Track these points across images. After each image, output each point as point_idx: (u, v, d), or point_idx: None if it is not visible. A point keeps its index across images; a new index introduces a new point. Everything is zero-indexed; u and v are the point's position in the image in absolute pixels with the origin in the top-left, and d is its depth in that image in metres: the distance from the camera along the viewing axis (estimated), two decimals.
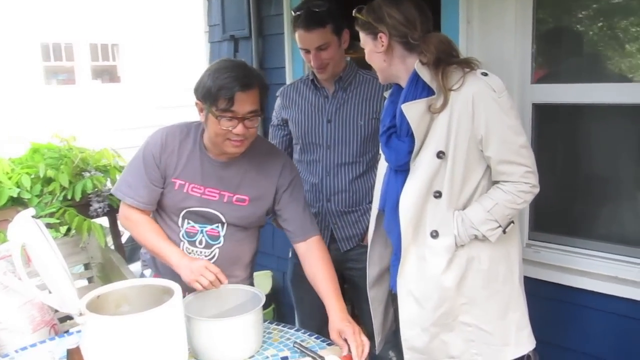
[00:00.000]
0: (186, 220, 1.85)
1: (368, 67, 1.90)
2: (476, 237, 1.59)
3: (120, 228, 2.69)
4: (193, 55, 10.78)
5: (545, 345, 1.79)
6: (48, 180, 2.62)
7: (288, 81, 3.14)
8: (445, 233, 1.59)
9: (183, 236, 1.86)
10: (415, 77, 1.58)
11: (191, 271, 1.71)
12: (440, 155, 1.55)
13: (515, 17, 2.19)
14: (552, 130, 2.27)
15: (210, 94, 1.67)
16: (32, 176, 2.64)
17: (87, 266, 2.74)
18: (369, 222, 2.19)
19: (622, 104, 2.06)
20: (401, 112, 1.57)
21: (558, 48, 2.26)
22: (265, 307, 3.22)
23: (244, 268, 1.98)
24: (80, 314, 1.43)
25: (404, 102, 1.57)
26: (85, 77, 11.10)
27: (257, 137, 1.84)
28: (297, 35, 2.13)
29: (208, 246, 1.87)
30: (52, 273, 1.42)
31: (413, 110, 1.55)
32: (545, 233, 2.31)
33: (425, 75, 1.56)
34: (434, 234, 1.60)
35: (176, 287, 1.60)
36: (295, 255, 2.38)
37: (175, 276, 1.75)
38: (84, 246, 2.68)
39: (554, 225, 2.31)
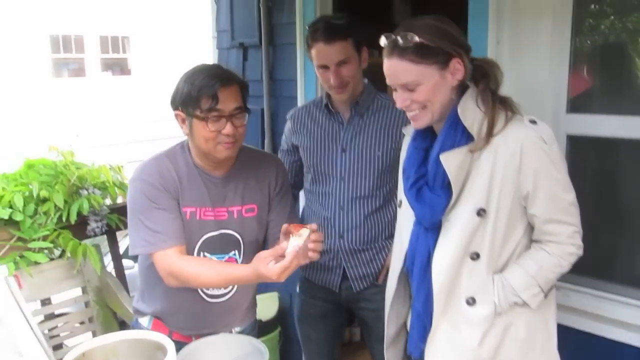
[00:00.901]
0: (202, 253, 1.72)
1: (386, 89, 1.72)
2: (515, 304, 1.41)
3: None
4: (201, 48, 10.66)
5: None
6: (42, 200, 2.47)
7: (299, 94, 2.96)
8: (483, 300, 1.41)
9: None
10: (456, 119, 1.38)
11: (277, 276, 1.50)
12: (481, 213, 1.37)
13: (551, 40, 1.99)
14: (587, 164, 2.08)
15: (191, 97, 1.60)
16: (26, 194, 2.49)
17: (83, 290, 2.59)
18: (384, 260, 2.05)
19: None
20: (435, 161, 1.38)
21: (597, 76, 2.06)
22: (271, 330, 3.12)
23: (253, 294, 1.93)
24: None
25: (441, 149, 1.38)
26: (95, 69, 10.98)
27: (242, 145, 1.75)
28: (314, 50, 1.94)
29: None
30: (22, 343, 1.26)
31: (452, 160, 1.36)
32: (577, 275, 2.09)
33: (467, 117, 1.37)
34: (471, 301, 1.41)
35: (169, 345, 1.45)
36: (303, 290, 2.23)
37: (178, 318, 1.72)
38: (80, 269, 2.53)
39: (587, 266, 2.09)
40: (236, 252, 1.76)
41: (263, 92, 3.08)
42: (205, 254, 1.72)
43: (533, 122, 1.39)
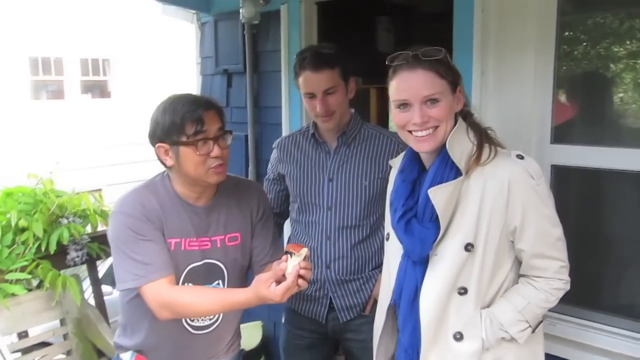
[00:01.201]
0: (187, 283, 1.69)
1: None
2: (503, 339, 1.39)
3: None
4: (183, 71, 10.64)
5: None
6: (21, 229, 2.41)
7: (284, 122, 2.96)
8: (471, 335, 1.39)
9: None
10: (447, 155, 1.38)
11: (279, 298, 1.47)
12: (469, 248, 1.36)
13: (535, 71, 2.03)
14: (570, 194, 2.10)
15: (175, 125, 1.58)
16: (3, 223, 2.42)
17: (62, 322, 2.52)
18: (371, 291, 2.02)
19: None
20: (426, 195, 1.38)
21: (581, 107, 2.09)
22: (254, 358, 3.06)
23: (237, 324, 1.89)
24: None
25: (432, 183, 1.38)
26: (75, 92, 10.87)
27: None
28: (301, 78, 1.94)
29: None
30: None
31: (440, 195, 1.36)
32: (562, 304, 2.08)
33: (456, 151, 1.37)
34: (458, 336, 1.40)
35: None
36: (288, 321, 2.20)
37: (162, 352, 1.69)
38: (59, 300, 2.46)
39: (572, 296, 2.10)
40: (220, 281, 1.73)
41: (247, 119, 3.07)
42: (190, 284, 1.69)
43: (520, 157, 1.40)
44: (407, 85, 1.38)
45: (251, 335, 3.11)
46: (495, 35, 2.10)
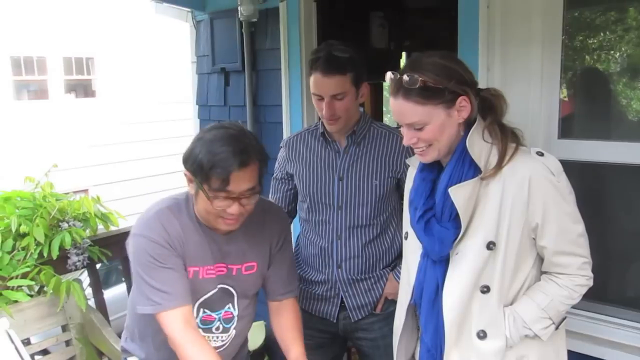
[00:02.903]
0: (202, 310, 1.66)
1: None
2: (527, 336, 1.39)
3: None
4: (172, 68, 10.53)
5: None
6: (21, 235, 2.36)
7: (284, 120, 2.94)
8: (494, 334, 1.39)
9: (198, 325, 1.65)
10: (463, 152, 1.38)
11: None
12: (491, 246, 1.36)
13: (542, 67, 2.02)
14: (579, 189, 2.09)
15: (202, 170, 1.47)
16: (2, 229, 2.37)
17: (64, 327, 2.47)
18: (382, 289, 2.02)
19: None
20: (443, 194, 1.37)
21: (588, 102, 2.10)
22: (258, 358, 3.04)
23: (247, 333, 1.88)
24: None
25: (449, 182, 1.37)
26: (59, 91, 10.69)
27: None
28: (312, 79, 1.91)
29: (225, 330, 1.73)
30: None
31: (461, 194, 1.35)
32: None
33: (475, 150, 1.36)
34: (482, 335, 1.40)
35: None
36: None
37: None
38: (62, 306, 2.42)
39: None
40: (230, 305, 1.71)
41: (247, 117, 3.04)
42: (206, 310, 1.67)
43: (540, 154, 1.39)
44: (394, 111, 1.40)
45: (255, 335, 3.09)
46: (501, 31, 2.09)
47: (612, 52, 2.05)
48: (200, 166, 1.46)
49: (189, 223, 1.61)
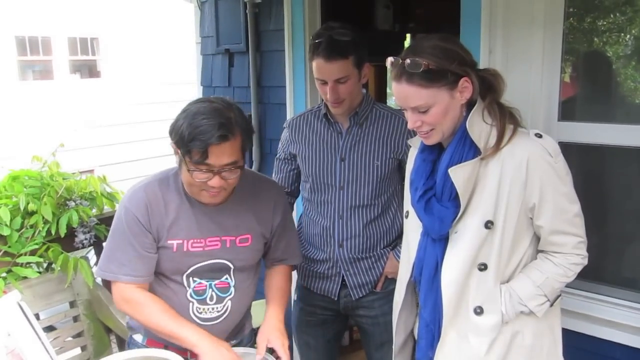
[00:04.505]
0: (191, 279, 1.68)
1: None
2: (522, 312, 1.44)
3: None
4: (177, 48, 10.51)
5: None
6: (29, 213, 2.40)
7: (288, 101, 2.96)
8: (491, 310, 1.43)
9: (191, 296, 1.69)
10: (464, 134, 1.41)
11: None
12: (489, 225, 1.40)
13: (543, 49, 2.04)
14: (578, 170, 2.12)
15: (183, 143, 1.48)
16: (10, 207, 2.42)
17: (72, 304, 2.53)
18: (382, 268, 2.06)
19: None
20: (444, 174, 1.40)
21: (589, 84, 2.11)
22: None
23: (248, 307, 1.87)
24: None
25: (450, 163, 1.40)
26: (64, 72, 10.70)
27: None
28: (314, 64, 1.93)
29: (219, 300, 1.72)
30: None
31: (460, 174, 1.38)
32: None
33: (475, 131, 1.39)
34: (478, 310, 1.44)
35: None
36: (300, 298, 2.23)
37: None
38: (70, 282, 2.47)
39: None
40: (227, 276, 1.72)
41: (250, 98, 3.06)
42: (195, 279, 1.68)
43: (539, 135, 1.42)
44: (398, 96, 1.43)
45: (259, 313, 3.13)
46: (503, 13, 2.10)
47: (614, 34, 2.06)
48: (182, 138, 1.48)
49: (176, 197, 1.64)
